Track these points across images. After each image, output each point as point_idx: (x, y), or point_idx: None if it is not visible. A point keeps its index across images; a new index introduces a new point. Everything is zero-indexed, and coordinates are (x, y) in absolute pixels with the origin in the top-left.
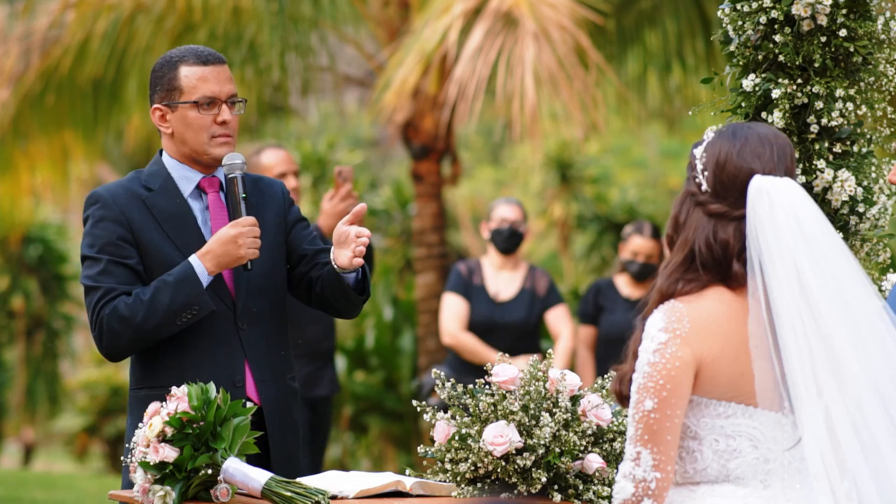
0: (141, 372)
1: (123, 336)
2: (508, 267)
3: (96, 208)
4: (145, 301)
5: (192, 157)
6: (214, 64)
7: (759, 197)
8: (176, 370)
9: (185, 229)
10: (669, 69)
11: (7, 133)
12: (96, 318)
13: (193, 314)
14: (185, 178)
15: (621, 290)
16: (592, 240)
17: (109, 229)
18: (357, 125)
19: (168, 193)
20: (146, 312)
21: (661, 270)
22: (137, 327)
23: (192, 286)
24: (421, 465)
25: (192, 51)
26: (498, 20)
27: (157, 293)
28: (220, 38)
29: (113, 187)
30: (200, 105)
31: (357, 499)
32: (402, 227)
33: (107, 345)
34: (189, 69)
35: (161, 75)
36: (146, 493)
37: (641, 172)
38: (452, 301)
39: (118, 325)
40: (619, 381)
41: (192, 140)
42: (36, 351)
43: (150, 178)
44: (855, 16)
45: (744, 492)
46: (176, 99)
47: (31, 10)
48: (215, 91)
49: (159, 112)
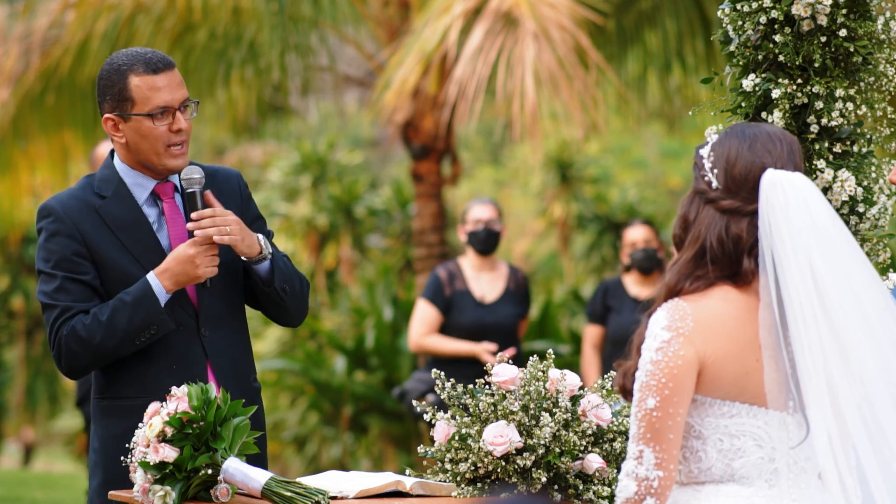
0: (104, 382)
1: (83, 357)
2: (487, 268)
3: (49, 221)
4: (103, 322)
5: (147, 167)
6: (164, 71)
7: (774, 190)
8: (138, 380)
9: (141, 238)
10: (669, 69)
11: (7, 133)
12: (55, 337)
13: (152, 334)
14: (138, 185)
15: (629, 289)
16: (592, 240)
17: (63, 244)
18: (357, 125)
19: (122, 201)
20: (104, 333)
21: (670, 267)
22: (96, 348)
23: (150, 305)
24: (421, 465)
25: (140, 57)
26: (498, 20)
27: (114, 314)
28: (220, 38)
29: (65, 198)
30: (154, 116)
31: (357, 499)
32: (402, 227)
33: (66, 364)
34: (139, 79)
35: (110, 84)
36: (146, 493)
37: (641, 172)
38: (423, 309)
39: (76, 346)
40: (623, 376)
41: (148, 150)
42: (36, 351)
43: (103, 185)
44: (855, 16)
45: (749, 491)
46: (128, 110)
47: (31, 10)
48: (168, 100)
49: (111, 122)
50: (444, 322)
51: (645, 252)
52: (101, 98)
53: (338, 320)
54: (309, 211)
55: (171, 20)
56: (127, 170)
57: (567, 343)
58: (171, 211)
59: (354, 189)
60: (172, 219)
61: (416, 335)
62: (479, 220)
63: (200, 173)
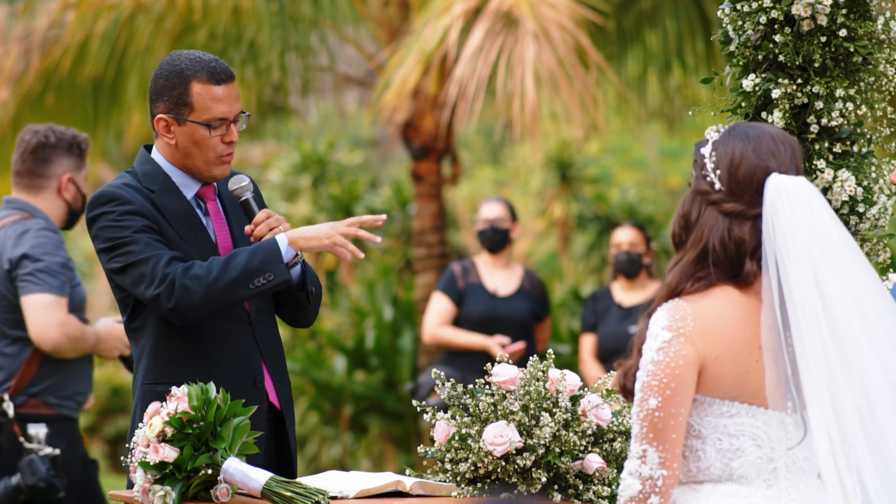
0: (164, 369)
1: (196, 293)
2: (501, 265)
3: (116, 204)
4: (219, 264)
5: (192, 171)
6: (227, 83)
7: (779, 195)
8: (198, 367)
9: (195, 231)
10: (669, 69)
11: (7, 133)
12: (161, 276)
13: (268, 280)
14: (184, 184)
15: (615, 295)
16: (592, 240)
17: (138, 221)
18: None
19: (172, 194)
20: (220, 270)
21: (671, 267)
22: (210, 284)
23: (270, 251)
24: (421, 465)
25: (205, 66)
26: (498, 20)
27: (232, 256)
28: (220, 38)
29: (121, 186)
30: (212, 126)
31: (357, 499)
32: (402, 227)
33: (176, 301)
34: (202, 87)
35: (170, 86)
36: (146, 493)
37: (641, 172)
38: (438, 301)
39: (190, 281)
40: (624, 376)
41: (198, 157)
42: None
43: (148, 179)
44: (855, 16)
45: (747, 491)
46: (185, 115)
47: (31, 10)
48: (226, 112)
49: (164, 122)
50: (457, 314)
51: (628, 255)
52: (155, 96)
53: (338, 320)
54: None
55: (171, 20)
56: (173, 168)
57: (567, 343)
58: (215, 213)
59: (354, 189)
60: (217, 220)
61: (430, 326)
62: (486, 219)
63: (248, 180)
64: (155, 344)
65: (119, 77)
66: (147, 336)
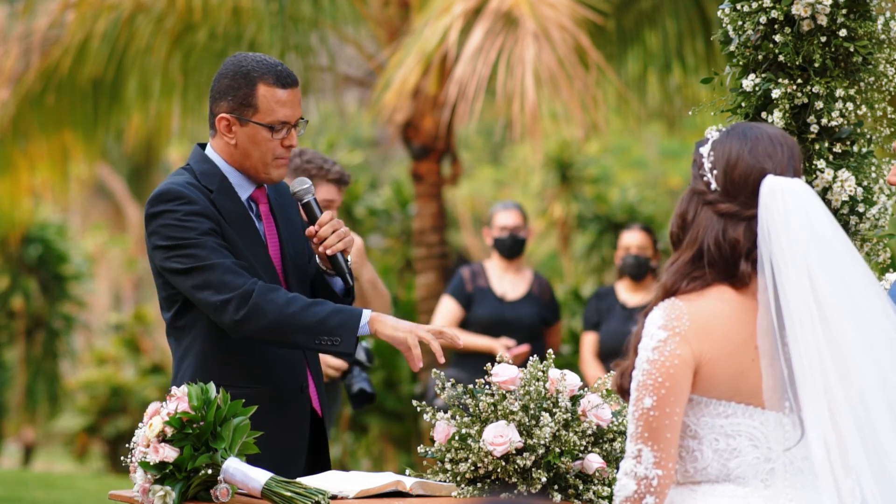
0: (213, 369)
1: (267, 316)
2: (512, 270)
3: (180, 203)
4: (301, 303)
5: (249, 172)
6: (291, 87)
7: (773, 197)
8: (246, 372)
9: (250, 234)
10: (669, 69)
11: (7, 133)
12: (232, 285)
13: (333, 344)
14: (240, 185)
15: (620, 295)
16: (592, 240)
17: (203, 223)
18: (357, 125)
19: (228, 195)
20: (299, 309)
21: (667, 267)
22: (285, 318)
23: (350, 319)
24: (421, 465)
25: (272, 69)
26: (498, 20)
27: (316, 303)
28: (220, 38)
29: (184, 184)
30: (274, 129)
31: (357, 499)
32: (402, 227)
33: (245, 316)
34: (268, 90)
35: (235, 86)
36: (146, 493)
37: (641, 172)
38: (446, 304)
39: (267, 304)
40: (621, 376)
41: (257, 158)
42: (36, 351)
43: (206, 178)
44: (855, 16)
45: (745, 491)
46: (249, 116)
47: (31, 10)
48: (289, 116)
49: (226, 122)
50: (465, 317)
51: (636, 259)
52: (218, 95)
53: None
54: None
55: (171, 20)
56: (230, 169)
57: (567, 343)
58: (266, 215)
59: (354, 189)
60: (268, 223)
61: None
62: (504, 227)
63: (309, 182)
64: (203, 345)
65: (119, 77)
66: (193, 336)
